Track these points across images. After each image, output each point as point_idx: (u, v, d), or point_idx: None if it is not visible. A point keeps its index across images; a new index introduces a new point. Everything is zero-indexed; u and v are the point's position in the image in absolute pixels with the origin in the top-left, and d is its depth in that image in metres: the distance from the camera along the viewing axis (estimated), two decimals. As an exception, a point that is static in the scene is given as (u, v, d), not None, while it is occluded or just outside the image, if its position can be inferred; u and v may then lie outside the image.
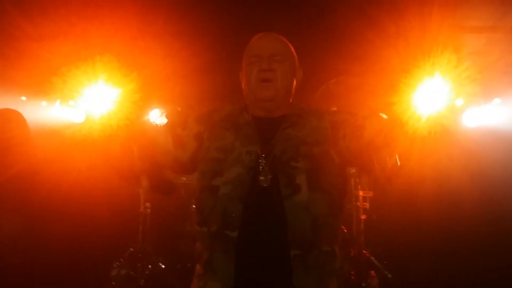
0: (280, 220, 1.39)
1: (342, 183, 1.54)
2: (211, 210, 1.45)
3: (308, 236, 1.39)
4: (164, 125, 1.76)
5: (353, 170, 3.18)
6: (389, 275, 3.48)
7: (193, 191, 4.17)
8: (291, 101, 1.67)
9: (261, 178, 1.43)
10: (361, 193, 3.81)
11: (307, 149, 1.48)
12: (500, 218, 3.84)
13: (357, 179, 3.77)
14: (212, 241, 1.43)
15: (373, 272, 3.30)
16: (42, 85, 4.09)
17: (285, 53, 1.60)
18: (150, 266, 3.62)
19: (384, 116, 1.68)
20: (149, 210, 3.94)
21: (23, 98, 4.44)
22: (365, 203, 3.78)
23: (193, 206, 4.08)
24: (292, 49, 1.65)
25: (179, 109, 4.12)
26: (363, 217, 3.77)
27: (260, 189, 1.43)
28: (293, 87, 1.64)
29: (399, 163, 1.45)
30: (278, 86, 1.55)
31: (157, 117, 4.27)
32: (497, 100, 4.15)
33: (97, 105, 4.21)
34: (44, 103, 4.46)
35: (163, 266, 3.68)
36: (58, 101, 4.39)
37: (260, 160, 1.46)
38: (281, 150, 1.48)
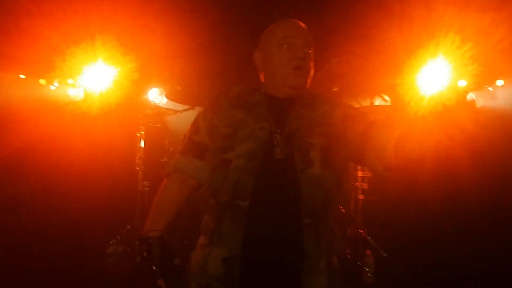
0: (293, 191, 1.42)
1: (347, 167, 1.60)
2: (222, 182, 1.47)
3: (319, 208, 1.43)
4: (183, 150, 1.72)
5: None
6: (385, 255, 3.48)
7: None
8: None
9: (277, 150, 1.46)
10: (360, 173, 3.79)
11: (321, 129, 1.53)
12: (501, 199, 3.82)
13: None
14: (221, 211, 1.45)
15: (369, 251, 3.29)
16: (41, 63, 4.07)
17: (312, 44, 1.65)
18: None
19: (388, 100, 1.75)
20: (147, 188, 3.93)
21: (22, 76, 4.42)
22: (363, 184, 3.77)
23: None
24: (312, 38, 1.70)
25: (179, 88, 4.10)
26: (361, 197, 3.76)
27: (274, 161, 1.46)
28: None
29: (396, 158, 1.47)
30: (307, 76, 1.63)
31: (156, 96, 4.25)
32: (500, 82, 4.11)
33: (96, 84, 4.22)
34: (42, 81, 4.44)
35: (160, 244, 3.67)
36: (57, 80, 4.36)
37: (274, 135, 1.50)
38: (296, 127, 1.53)
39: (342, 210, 1.54)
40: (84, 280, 3.24)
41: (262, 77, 1.71)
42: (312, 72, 1.65)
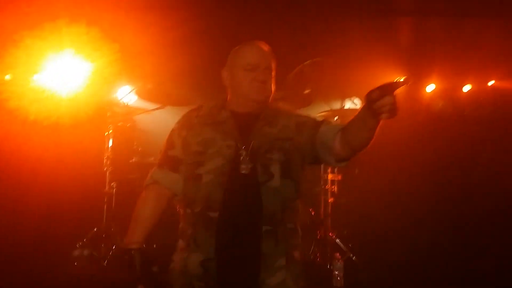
0: (256, 201, 1.67)
1: (304, 173, 1.83)
2: (195, 194, 1.72)
3: (278, 215, 1.69)
4: (160, 164, 1.92)
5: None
6: (354, 258, 3.51)
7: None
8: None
9: (243, 166, 1.69)
10: (330, 176, 3.81)
11: (280, 144, 1.76)
12: (465, 194, 3.93)
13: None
14: (195, 220, 1.70)
15: (338, 254, 3.32)
16: (4, 58, 3.91)
17: (273, 65, 1.86)
18: (114, 246, 3.54)
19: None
20: (114, 189, 3.84)
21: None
22: (333, 186, 3.80)
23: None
24: (274, 56, 1.90)
25: (149, 86, 4.03)
26: (330, 200, 3.79)
27: (240, 176, 1.69)
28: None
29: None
30: (267, 94, 1.83)
31: (125, 94, 4.17)
32: (467, 87, 4.20)
33: (64, 80, 4.09)
34: (8, 76, 4.27)
35: (128, 247, 3.61)
36: (23, 75, 4.20)
37: (240, 152, 1.72)
38: (259, 144, 1.74)
39: (312, 213, 1.70)
40: (49, 284, 3.16)
41: (228, 93, 1.91)
42: (273, 91, 1.86)
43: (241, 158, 1.71)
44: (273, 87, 1.86)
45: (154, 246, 3.66)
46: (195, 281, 1.67)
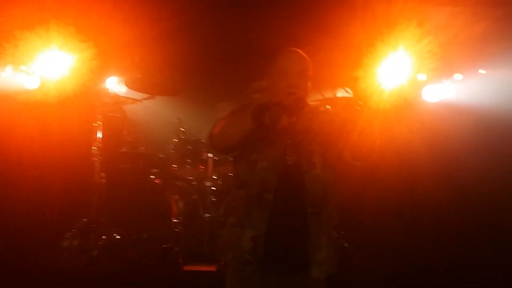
0: (301, 187, 1.89)
1: (338, 163, 2.00)
2: (250, 177, 1.91)
3: (320, 199, 1.90)
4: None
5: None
6: (346, 245, 3.51)
7: (151, 160, 4.08)
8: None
9: (288, 157, 1.91)
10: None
11: (319, 137, 1.93)
12: (457, 188, 3.95)
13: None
14: (250, 201, 1.90)
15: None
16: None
17: (306, 66, 2.02)
18: (104, 236, 3.53)
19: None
20: (104, 180, 3.82)
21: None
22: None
23: (152, 176, 3.99)
24: (309, 60, 2.04)
25: (138, 76, 3.99)
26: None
27: (287, 165, 1.91)
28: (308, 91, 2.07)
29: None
30: (299, 97, 1.96)
31: (115, 84, 4.13)
32: (458, 76, 4.19)
33: (52, 71, 4.04)
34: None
35: (118, 237, 3.59)
36: (10, 66, 4.14)
37: (287, 144, 1.93)
38: (302, 137, 1.95)
39: None
40: (39, 275, 3.13)
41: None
42: (307, 91, 2.01)
43: (287, 150, 1.93)
44: (307, 89, 2.00)
45: (145, 235, 3.67)
46: (245, 254, 1.87)
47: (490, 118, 3.93)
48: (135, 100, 4.09)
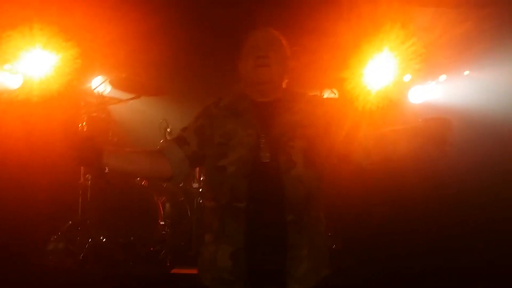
0: (279, 191, 1.65)
1: (326, 161, 1.81)
2: (220, 186, 1.70)
3: (301, 203, 1.67)
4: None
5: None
6: (334, 246, 3.54)
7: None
8: (284, 86, 1.92)
9: (262, 154, 1.68)
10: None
11: (303, 131, 1.73)
12: (443, 188, 4.00)
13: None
14: (222, 212, 1.69)
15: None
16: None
17: (279, 43, 1.86)
18: (90, 239, 3.49)
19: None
20: (89, 182, 3.77)
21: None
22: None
23: (138, 178, 3.96)
24: (285, 41, 1.90)
25: (124, 75, 3.95)
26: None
27: (261, 165, 1.67)
28: (286, 72, 1.89)
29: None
30: (273, 71, 1.80)
31: (99, 84, 4.07)
32: (442, 77, 4.24)
33: (35, 71, 3.97)
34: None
35: (104, 240, 3.55)
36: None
37: (260, 140, 1.71)
38: (280, 131, 1.73)
39: None
40: (23, 278, 3.08)
41: (243, 83, 1.92)
42: (280, 67, 1.82)
43: (262, 146, 1.70)
44: (280, 65, 1.83)
45: (132, 238, 3.65)
46: (225, 274, 1.67)
47: (476, 119, 3.98)
48: (120, 100, 4.05)
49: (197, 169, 3.75)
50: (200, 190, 3.75)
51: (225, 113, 1.83)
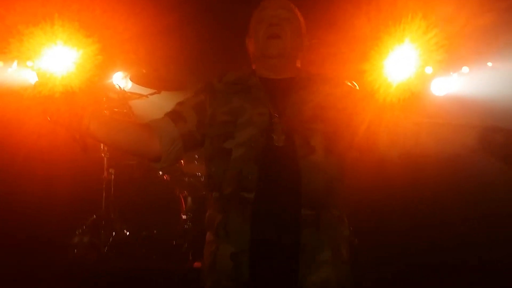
0: (294, 180, 1.38)
1: (353, 153, 1.56)
2: (223, 173, 1.42)
3: (321, 196, 1.40)
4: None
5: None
6: (356, 241, 3.52)
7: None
8: (298, 65, 1.67)
9: (275, 137, 1.41)
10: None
11: (323, 113, 1.48)
12: (465, 183, 3.93)
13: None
14: (226, 204, 1.42)
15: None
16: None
17: (294, 15, 1.62)
18: (114, 233, 3.54)
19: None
20: (113, 176, 3.82)
21: (-22, 58, 4.18)
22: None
23: (160, 172, 3.99)
24: (300, 15, 1.67)
25: (144, 71, 3.98)
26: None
27: (274, 149, 1.41)
28: (301, 50, 1.65)
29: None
30: (286, 43, 1.55)
31: (120, 79, 4.12)
32: (465, 69, 4.17)
33: (57, 67, 4.03)
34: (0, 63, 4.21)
35: (128, 233, 3.61)
36: (15, 62, 4.14)
37: (273, 120, 1.44)
38: (296, 111, 1.47)
39: None
40: (49, 272, 3.13)
41: (253, 65, 1.69)
42: (294, 40, 1.58)
43: (274, 127, 1.43)
44: (294, 38, 1.59)
45: (155, 232, 3.68)
46: (223, 279, 1.39)
47: (498, 111, 3.91)
48: (141, 95, 4.08)
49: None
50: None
51: (231, 89, 1.57)
